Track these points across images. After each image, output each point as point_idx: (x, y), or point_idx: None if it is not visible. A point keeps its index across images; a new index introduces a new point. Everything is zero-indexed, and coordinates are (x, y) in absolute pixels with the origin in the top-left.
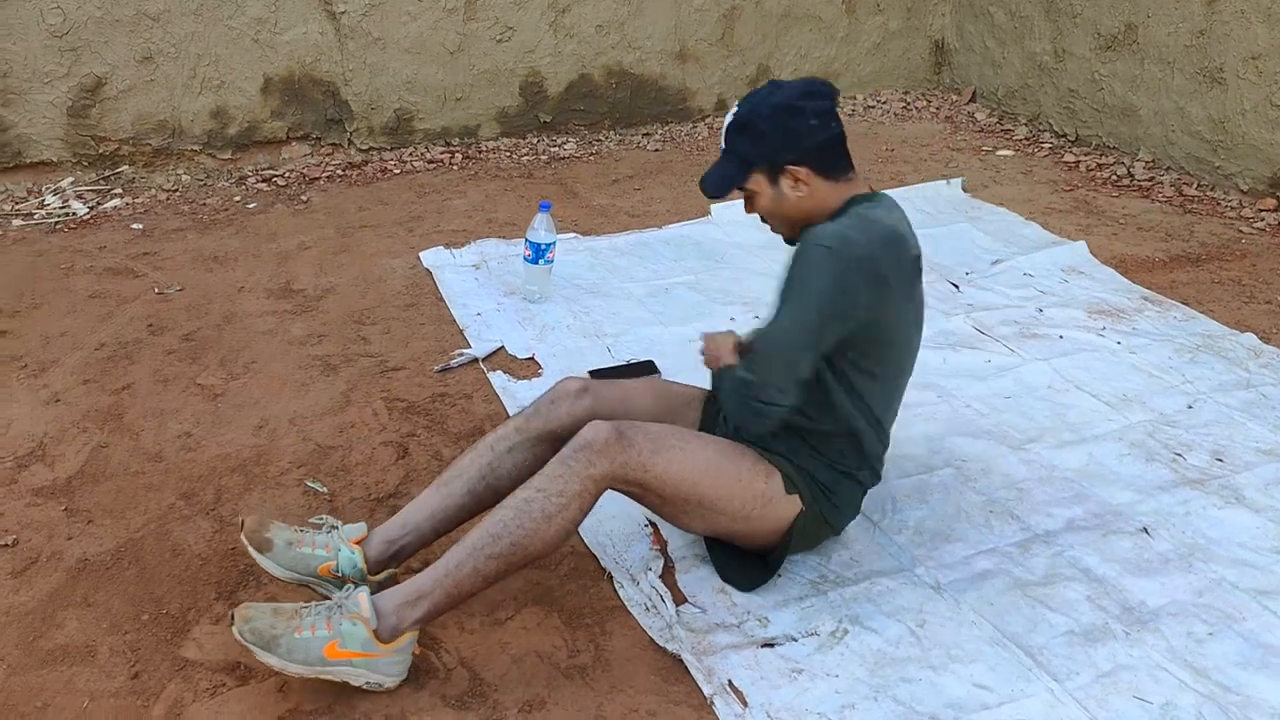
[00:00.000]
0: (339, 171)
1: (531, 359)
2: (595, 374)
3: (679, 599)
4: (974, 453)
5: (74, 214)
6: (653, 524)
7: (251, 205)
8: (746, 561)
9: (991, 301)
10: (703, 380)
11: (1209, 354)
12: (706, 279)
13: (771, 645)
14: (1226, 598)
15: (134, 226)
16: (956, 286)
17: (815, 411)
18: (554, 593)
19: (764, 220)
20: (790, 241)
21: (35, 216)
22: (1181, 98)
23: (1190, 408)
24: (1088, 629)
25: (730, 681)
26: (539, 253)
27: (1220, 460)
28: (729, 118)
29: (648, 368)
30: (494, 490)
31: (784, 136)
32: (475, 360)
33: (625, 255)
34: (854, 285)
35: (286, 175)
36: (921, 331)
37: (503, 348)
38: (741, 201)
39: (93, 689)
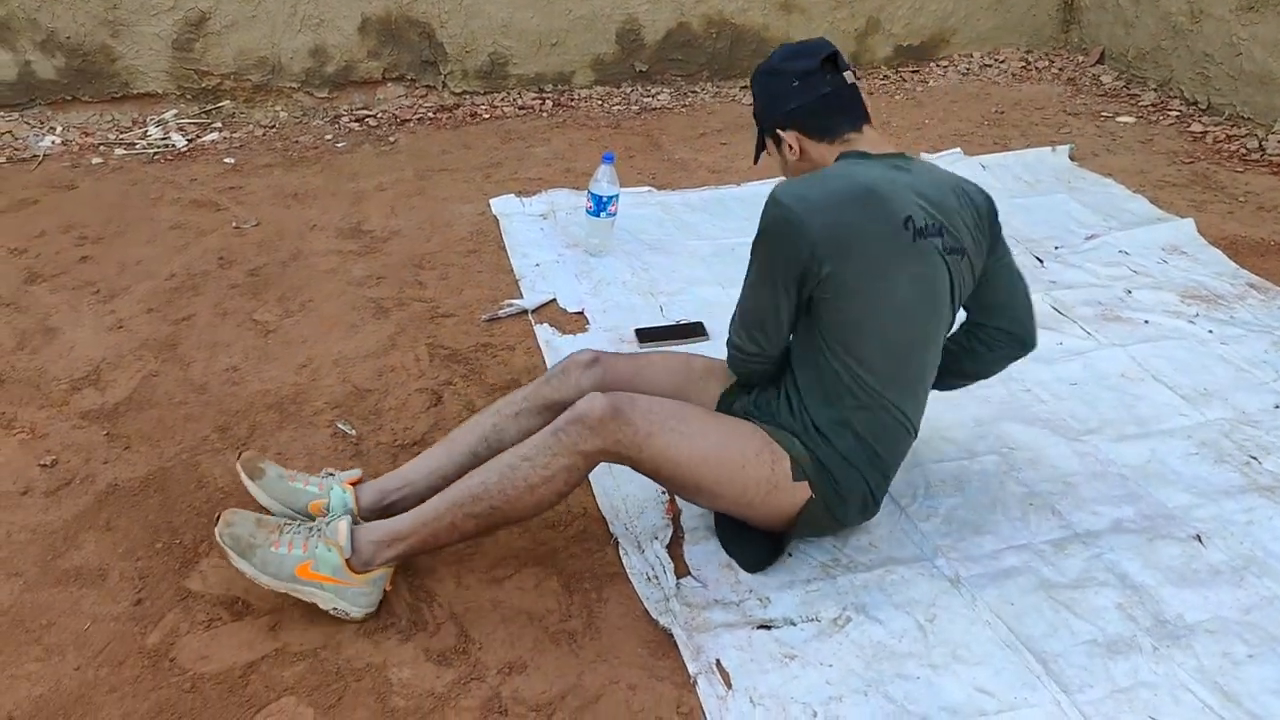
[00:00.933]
0: (430, 114)
1: (581, 313)
2: (641, 333)
3: (681, 571)
4: (1024, 440)
5: (173, 145)
6: (669, 492)
7: (341, 144)
8: (754, 539)
9: (1076, 280)
10: None
11: None
12: None
13: (768, 627)
14: (1277, 618)
15: (226, 160)
16: (1041, 261)
17: (813, 386)
18: (558, 554)
19: None
20: None
21: (137, 146)
22: None
23: (1277, 408)
24: (1112, 640)
25: (718, 661)
26: (600, 205)
27: None
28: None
29: (696, 329)
30: (495, 454)
31: (769, 101)
32: (525, 311)
33: (697, 211)
34: (780, 239)
35: (379, 116)
36: (941, 305)
37: (554, 300)
38: None
39: (96, 612)
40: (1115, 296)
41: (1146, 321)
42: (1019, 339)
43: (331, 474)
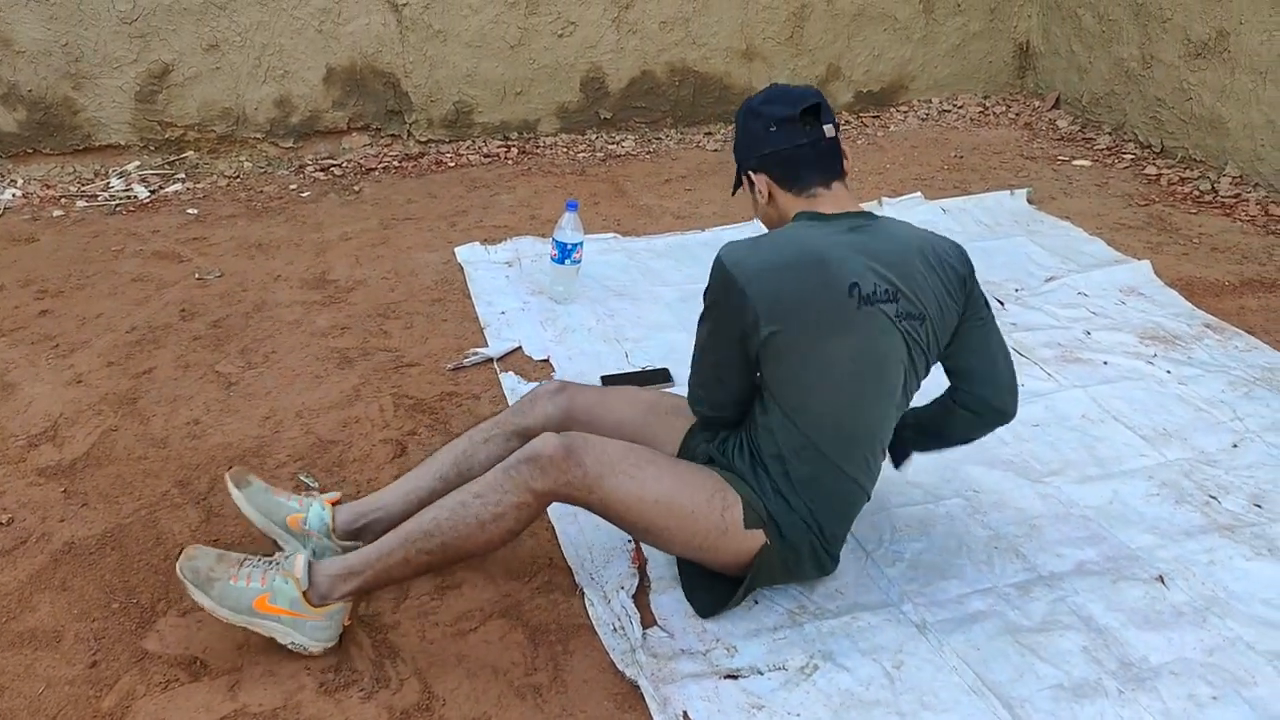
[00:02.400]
0: (395, 163)
1: (546, 360)
2: (607, 380)
3: (648, 621)
4: (989, 484)
5: (135, 197)
6: (635, 540)
7: (305, 194)
8: (711, 584)
9: (1037, 321)
10: None
11: (1266, 389)
12: None
13: (735, 677)
14: (1239, 659)
15: (189, 211)
16: (1002, 304)
17: (768, 438)
18: (522, 606)
19: None
20: None
21: (99, 198)
22: (1273, 110)
23: (1235, 446)
24: (1078, 684)
25: (684, 714)
26: (565, 252)
27: (1259, 506)
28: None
29: (661, 375)
30: (464, 478)
31: (746, 140)
32: (490, 360)
33: (661, 257)
34: (723, 301)
35: (344, 165)
36: (889, 373)
37: (519, 348)
38: None
39: (51, 675)
40: (1075, 338)
41: (1106, 363)
42: (995, 408)
43: (313, 494)
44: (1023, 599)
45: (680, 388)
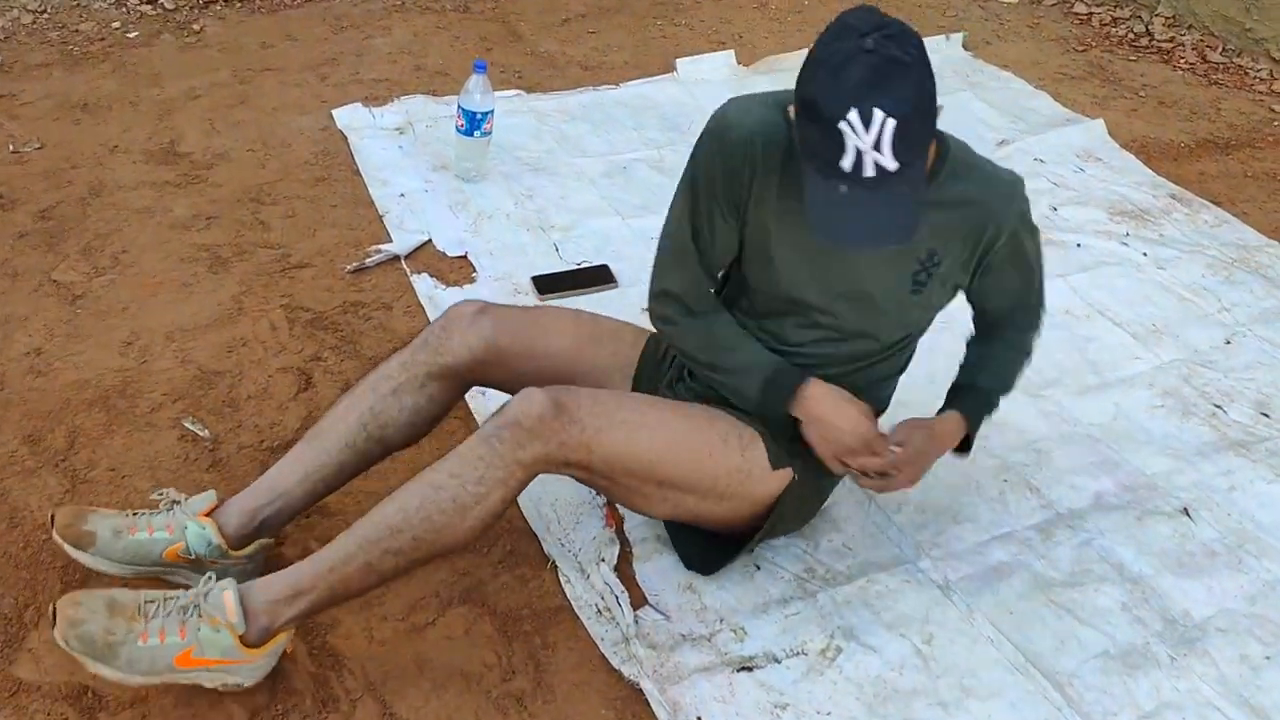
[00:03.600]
0: None
1: (464, 258)
2: (540, 281)
3: (637, 599)
4: None
5: None
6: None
7: (133, 34)
8: (715, 541)
9: None
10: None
11: (1246, 271)
12: (670, 155)
13: (750, 669)
14: None
15: None
16: None
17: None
18: (485, 586)
19: None
20: None
21: None
22: None
23: (1228, 343)
24: (1125, 650)
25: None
26: (474, 123)
27: (1266, 415)
28: (888, 124)
29: (602, 274)
30: (380, 442)
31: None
32: (396, 258)
33: (576, 120)
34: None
35: None
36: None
37: (430, 241)
38: (711, 57)
39: None
40: (1042, 216)
41: (1079, 245)
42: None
43: (177, 502)
44: (1046, 544)
45: (624, 291)
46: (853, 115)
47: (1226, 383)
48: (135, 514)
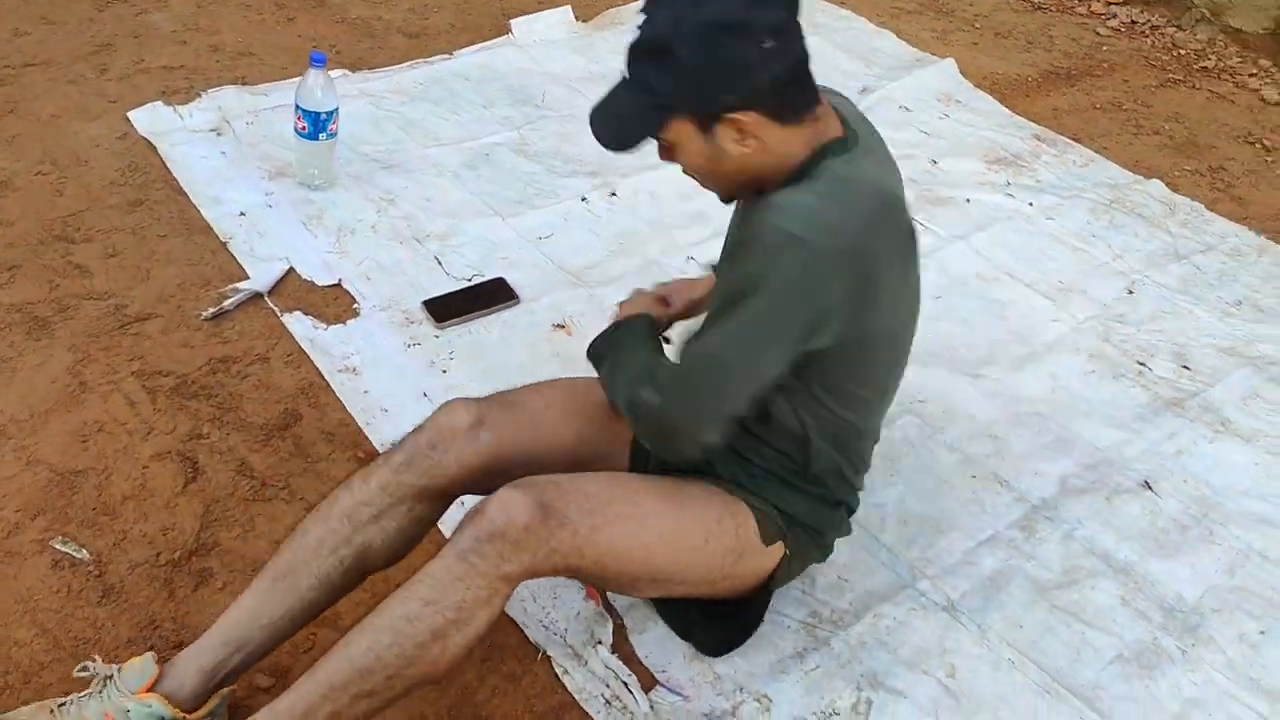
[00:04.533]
0: None
1: (338, 285)
2: (434, 307)
3: (645, 680)
4: (929, 387)
5: None
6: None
7: None
8: (713, 612)
9: None
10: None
11: (1124, 213)
12: (531, 135)
13: None
14: (1259, 575)
15: None
16: None
17: (778, 440)
18: (474, 695)
19: (689, 174)
20: (726, 200)
21: None
22: None
23: (1131, 293)
24: (1138, 650)
25: None
26: (318, 125)
27: (1187, 368)
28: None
29: (501, 291)
30: (360, 574)
31: (722, 71)
32: (258, 295)
33: (416, 101)
34: (830, 287)
35: None
36: (917, 317)
37: (292, 270)
38: (547, 15)
39: None
40: (923, 170)
41: (968, 200)
42: None
43: (110, 676)
44: (1031, 543)
45: (527, 306)
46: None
47: (1141, 336)
48: (61, 703)
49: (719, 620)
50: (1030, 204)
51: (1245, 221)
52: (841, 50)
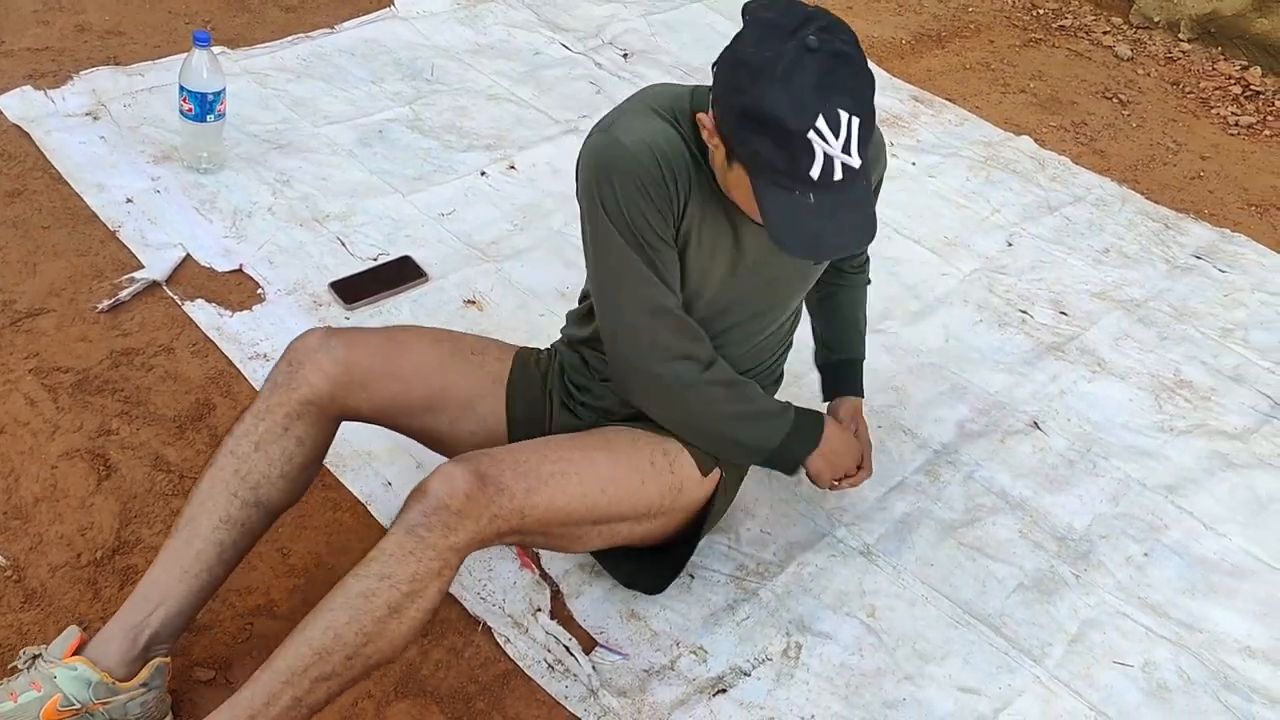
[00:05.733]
0: None
1: (239, 271)
2: (341, 288)
3: (585, 642)
4: None
5: None
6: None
7: None
8: (650, 556)
9: None
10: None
11: (999, 169)
12: (424, 110)
13: (724, 690)
14: (1140, 502)
15: None
16: None
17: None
18: (419, 670)
19: None
20: None
21: None
22: None
23: (1010, 245)
24: (1037, 578)
25: None
26: (205, 106)
27: (1064, 314)
28: (854, 123)
29: (409, 269)
30: (258, 506)
31: None
32: (155, 284)
33: (304, 79)
34: None
35: None
36: None
37: (188, 256)
38: None
39: None
40: None
41: None
42: None
43: (37, 655)
44: (936, 487)
45: (437, 284)
46: (820, 123)
47: (1022, 286)
48: None
49: (655, 557)
50: (913, 164)
51: (1107, 173)
52: (722, 16)
